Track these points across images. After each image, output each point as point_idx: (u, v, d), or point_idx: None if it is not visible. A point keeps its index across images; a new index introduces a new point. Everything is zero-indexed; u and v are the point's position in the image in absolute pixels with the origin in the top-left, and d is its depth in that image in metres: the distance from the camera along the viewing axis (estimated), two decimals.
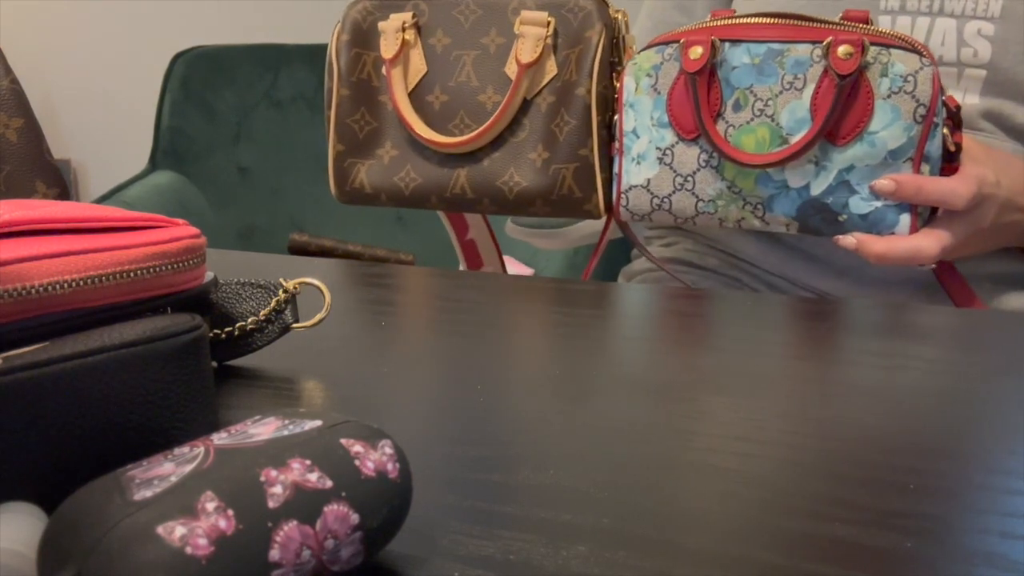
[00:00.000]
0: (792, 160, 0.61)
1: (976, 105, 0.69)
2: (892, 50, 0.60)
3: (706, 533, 0.31)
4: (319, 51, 1.85)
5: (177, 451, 0.27)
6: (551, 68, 0.67)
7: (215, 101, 1.87)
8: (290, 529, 0.25)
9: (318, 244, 1.82)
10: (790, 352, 0.49)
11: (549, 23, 0.67)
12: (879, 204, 0.61)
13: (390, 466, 0.28)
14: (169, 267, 0.36)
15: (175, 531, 0.23)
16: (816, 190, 0.62)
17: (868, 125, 0.60)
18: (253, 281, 0.45)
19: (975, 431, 0.39)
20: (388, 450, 0.28)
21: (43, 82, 2.22)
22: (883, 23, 0.70)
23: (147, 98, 1.94)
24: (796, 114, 0.61)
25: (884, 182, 0.60)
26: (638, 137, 0.66)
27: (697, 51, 0.62)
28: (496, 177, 0.68)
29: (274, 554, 0.24)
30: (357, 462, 0.27)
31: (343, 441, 0.28)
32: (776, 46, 0.62)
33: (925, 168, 0.61)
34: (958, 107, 0.61)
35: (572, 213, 0.68)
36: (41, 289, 0.32)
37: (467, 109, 0.69)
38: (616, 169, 0.67)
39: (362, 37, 0.72)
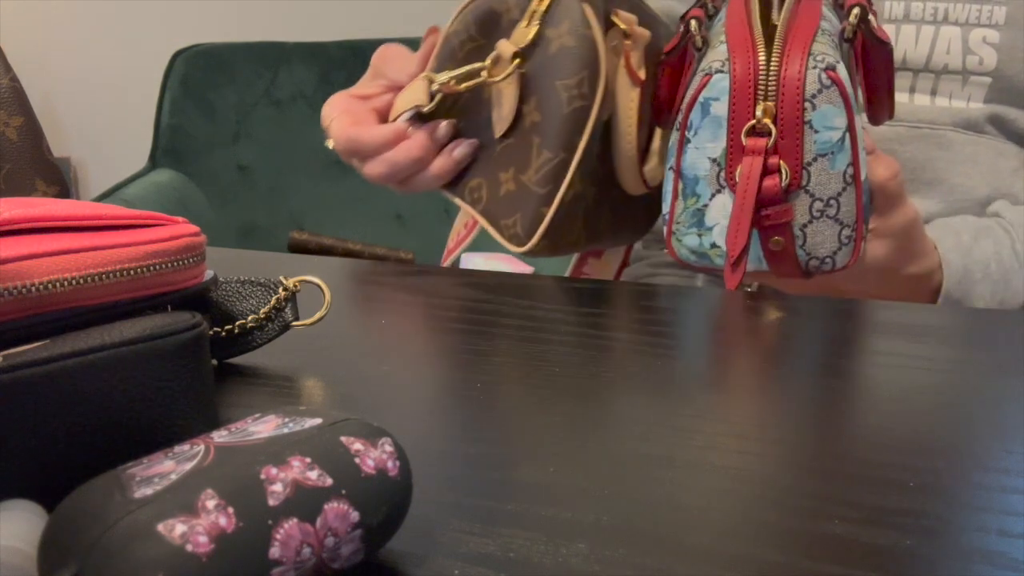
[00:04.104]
0: None
1: (981, 109, 0.69)
2: None
3: (706, 531, 0.31)
4: (319, 49, 1.86)
5: (177, 449, 0.27)
6: None
7: (215, 99, 1.87)
8: (290, 527, 0.25)
9: (318, 242, 1.83)
10: (790, 351, 0.49)
11: None
12: None
13: (390, 464, 0.28)
14: (169, 265, 0.37)
15: (175, 529, 0.23)
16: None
17: None
18: (253, 279, 0.45)
19: (974, 429, 0.39)
20: (388, 448, 0.28)
21: (43, 80, 2.22)
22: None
23: (147, 96, 1.94)
24: None
25: None
26: None
27: None
28: None
29: (274, 552, 0.24)
30: (357, 460, 0.27)
31: (343, 439, 0.28)
32: None
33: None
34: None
35: None
36: (41, 287, 0.32)
37: None
38: None
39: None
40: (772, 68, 0.52)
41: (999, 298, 0.64)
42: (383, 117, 0.65)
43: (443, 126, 0.62)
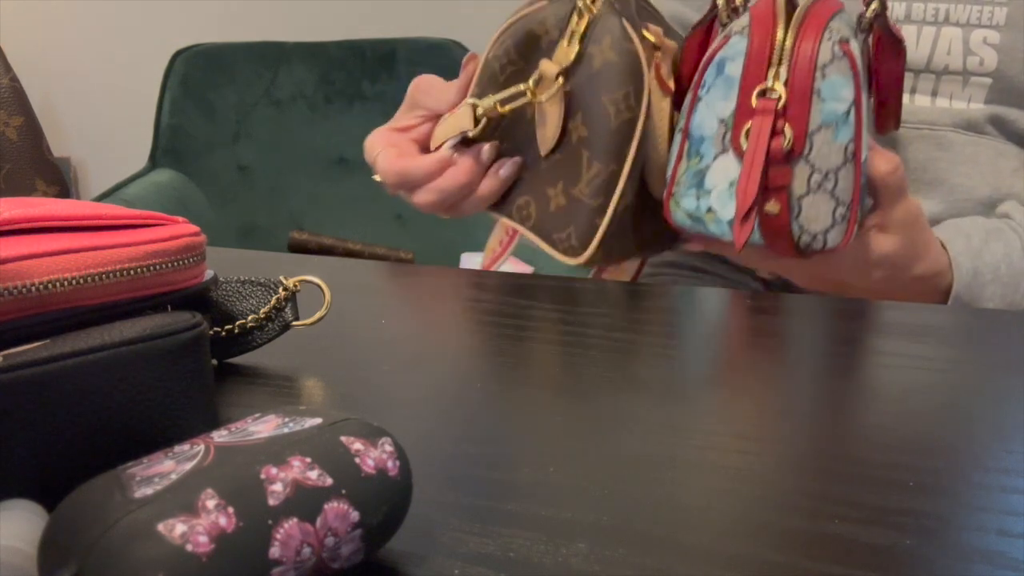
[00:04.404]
0: None
1: (982, 110, 0.69)
2: None
3: (705, 530, 0.31)
4: (319, 49, 1.85)
5: (177, 449, 0.27)
6: None
7: (215, 99, 1.87)
8: (290, 526, 0.25)
9: (318, 242, 1.83)
10: (789, 350, 0.49)
11: None
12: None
13: (390, 464, 0.28)
14: (169, 265, 0.37)
15: (175, 528, 0.23)
16: None
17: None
18: (253, 279, 0.45)
19: (973, 429, 0.39)
20: (388, 448, 0.28)
21: (43, 80, 2.22)
22: None
23: (147, 96, 1.94)
24: None
25: None
26: None
27: None
28: None
29: (274, 551, 0.24)
30: (357, 460, 0.27)
31: (343, 439, 0.28)
32: None
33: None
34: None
35: None
36: (41, 287, 0.32)
37: None
38: None
39: None
40: (788, 41, 0.54)
41: (1008, 300, 0.64)
42: (425, 147, 0.66)
43: (487, 149, 0.63)
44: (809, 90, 0.53)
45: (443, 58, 1.76)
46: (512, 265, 1.54)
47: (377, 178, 0.66)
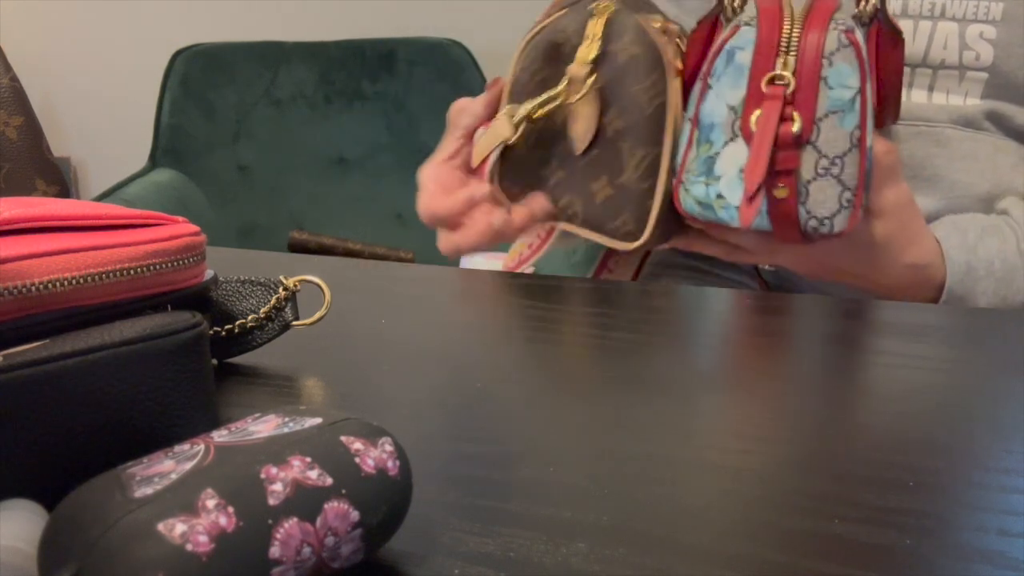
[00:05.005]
0: None
1: (978, 106, 0.69)
2: None
3: (705, 530, 0.31)
4: (318, 49, 1.85)
5: (177, 448, 0.27)
6: None
7: (215, 99, 1.87)
8: (290, 526, 0.25)
9: (318, 242, 1.83)
10: (789, 350, 0.49)
11: None
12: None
13: (390, 463, 0.28)
14: (169, 265, 0.37)
15: (175, 528, 0.23)
16: None
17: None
18: (253, 279, 0.45)
19: (973, 429, 0.39)
20: (388, 447, 0.28)
21: (43, 80, 2.22)
22: None
23: (147, 96, 1.94)
24: None
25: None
26: None
27: None
28: None
29: (274, 551, 0.24)
30: (357, 459, 0.27)
31: (343, 439, 0.28)
32: None
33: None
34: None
35: None
36: (41, 287, 0.32)
37: None
38: None
39: None
40: (795, 32, 0.56)
41: (1002, 295, 0.64)
42: (468, 168, 0.68)
43: (493, 187, 0.65)
44: (816, 77, 0.55)
45: (443, 58, 1.76)
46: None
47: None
